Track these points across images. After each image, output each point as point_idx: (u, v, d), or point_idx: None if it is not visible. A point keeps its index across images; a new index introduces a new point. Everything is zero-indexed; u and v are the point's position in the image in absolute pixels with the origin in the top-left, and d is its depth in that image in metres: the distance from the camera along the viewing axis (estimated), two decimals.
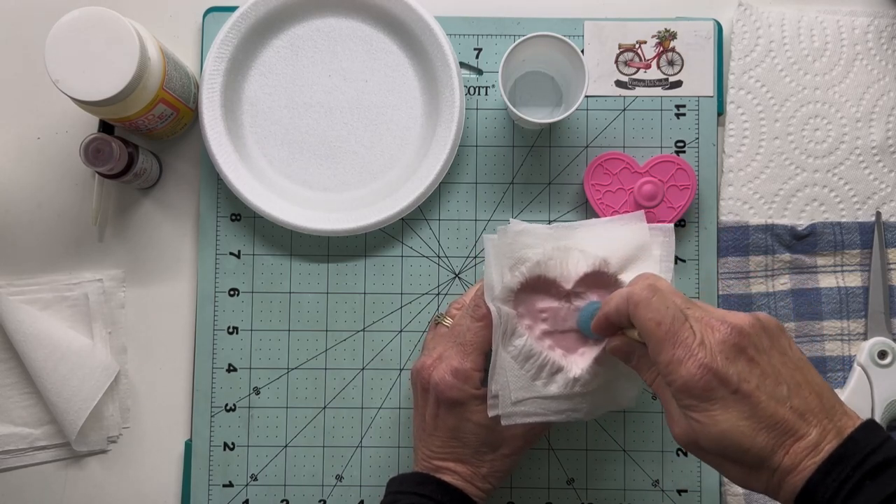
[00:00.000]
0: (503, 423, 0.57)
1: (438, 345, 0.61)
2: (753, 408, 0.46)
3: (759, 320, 0.49)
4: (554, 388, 0.57)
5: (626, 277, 0.58)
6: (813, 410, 0.47)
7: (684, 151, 0.70)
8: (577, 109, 0.64)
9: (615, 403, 0.59)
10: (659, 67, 0.71)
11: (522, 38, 0.63)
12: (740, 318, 0.49)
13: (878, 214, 0.70)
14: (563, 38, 0.63)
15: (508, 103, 0.65)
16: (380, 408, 0.70)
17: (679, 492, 0.69)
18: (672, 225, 0.61)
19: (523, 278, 0.57)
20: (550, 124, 0.67)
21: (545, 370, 0.57)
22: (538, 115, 0.69)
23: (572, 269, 0.58)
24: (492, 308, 0.57)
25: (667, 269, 0.59)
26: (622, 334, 0.53)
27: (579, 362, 0.58)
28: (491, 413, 0.57)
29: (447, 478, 0.58)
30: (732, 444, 0.47)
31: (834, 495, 0.44)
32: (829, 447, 0.45)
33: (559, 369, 0.57)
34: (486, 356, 0.59)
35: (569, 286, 0.58)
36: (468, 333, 0.59)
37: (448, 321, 0.62)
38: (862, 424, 0.46)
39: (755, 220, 0.70)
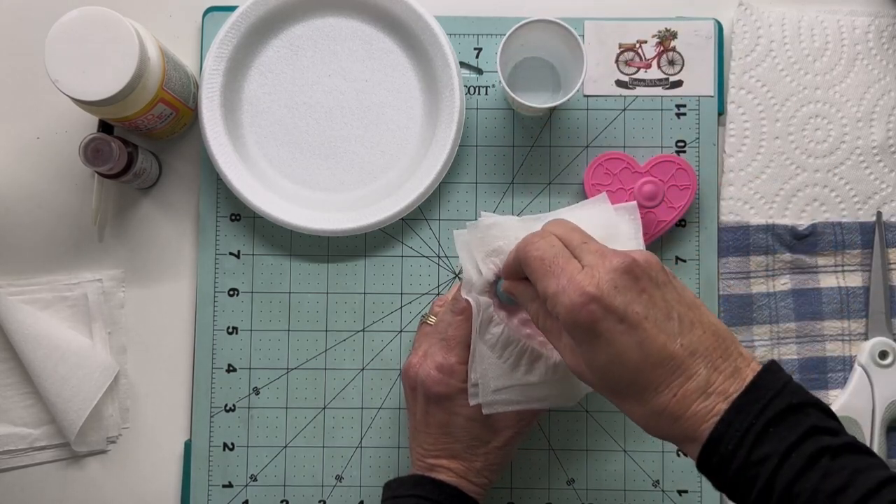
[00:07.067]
0: (484, 411, 0.57)
1: (424, 343, 0.61)
2: (641, 340, 0.43)
3: (656, 257, 0.47)
4: (535, 376, 0.57)
5: None
6: (705, 350, 0.44)
7: (685, 151, 0.70)
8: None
9: None
10: (659, 67, 0.71)
11: (522, 23, 0.63)
12: (639, 251, 0.47)
13: (879, 214, 0.70)
14: (562, 23, 0.63)
15: (507, 88, 0.64)
16: (380, 408, 0.70)
17: (679, 492, 0.69)
18: (635, 203, 0.60)
19: (498, 269, 0.58)
20: (550, 110, 0.67)
21: (524, 358, 0.57)
22: (537, 101, 0.69)
23: None
24: (470, 300, 0.57)
25: (637, 247, 0.59)
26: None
27: None
28: (472, 402, 0.57)
29: (442, 476, 0.58)
30: (616, 378, 0.44)
31: (738, 445, 0.42)
32: (734, 389, 0.43)
33: (539, 356, 0.57)
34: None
35: None
36: (450, 328, 0.59)
37: (432, 319, 0.63)
38: (764, 368, 0.44)
39: (756, 220, 0.69)
